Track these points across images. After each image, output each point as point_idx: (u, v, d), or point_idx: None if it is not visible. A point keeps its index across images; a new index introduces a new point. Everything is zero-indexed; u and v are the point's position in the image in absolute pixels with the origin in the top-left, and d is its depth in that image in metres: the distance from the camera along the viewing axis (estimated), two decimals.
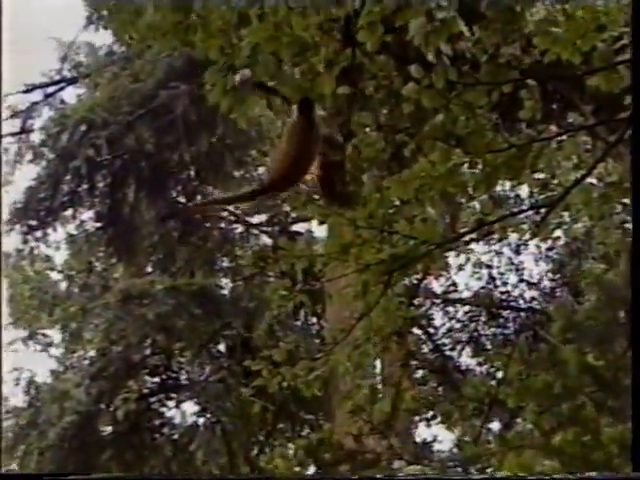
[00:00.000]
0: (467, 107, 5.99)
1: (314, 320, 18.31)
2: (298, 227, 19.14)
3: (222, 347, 16.60)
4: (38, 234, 16.77)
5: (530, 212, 7.32)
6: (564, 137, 6.47)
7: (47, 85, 17.86)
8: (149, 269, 18.03)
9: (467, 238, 12.02)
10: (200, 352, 16.03)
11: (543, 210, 6.62)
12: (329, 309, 14.45)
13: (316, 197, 6.55)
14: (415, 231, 6.29)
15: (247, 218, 19.70)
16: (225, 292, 17.16)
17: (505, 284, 20.38)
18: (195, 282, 16.16)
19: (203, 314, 15.71)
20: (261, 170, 18.20)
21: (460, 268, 19.69)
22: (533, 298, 20.14)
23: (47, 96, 17.75)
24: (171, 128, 15.70)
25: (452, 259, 18.50)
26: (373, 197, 6.25)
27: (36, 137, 16.84)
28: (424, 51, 6.04)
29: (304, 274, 7.49)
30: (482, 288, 20.31)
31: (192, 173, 16.65)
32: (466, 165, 6.24)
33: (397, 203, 6.37)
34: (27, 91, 17.25)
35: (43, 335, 19.15)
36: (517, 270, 20.39)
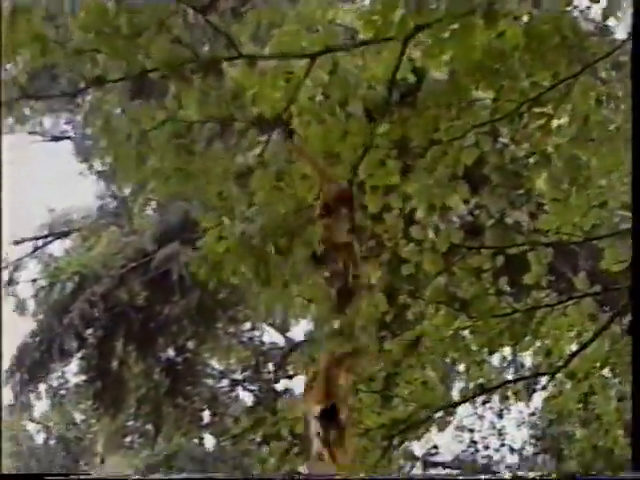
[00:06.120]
0: (471, 271, 5.93)
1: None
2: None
3: None
4: (31, 387, 16.49)
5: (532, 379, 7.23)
6: (569, 303, 6.41)
7: (36, 238, 17.88)
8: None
9: None
10: None
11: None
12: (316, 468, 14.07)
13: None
14: (415, 395, 6.15)
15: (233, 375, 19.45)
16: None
17: (487, 448, 20.15)
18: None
19: None
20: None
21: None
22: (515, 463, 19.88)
23: (36, 249, 17.77)
24: (162, 282, 15.57)
25: None
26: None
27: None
28: (424, 215, 6.00)
29: (293, 436, 7.28)
30: (463, 451, 20.09)
31: (182, 328, 16.44)
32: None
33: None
34: (17, 243, 17.24)
35: None
36: (499, 434, 20.18)
